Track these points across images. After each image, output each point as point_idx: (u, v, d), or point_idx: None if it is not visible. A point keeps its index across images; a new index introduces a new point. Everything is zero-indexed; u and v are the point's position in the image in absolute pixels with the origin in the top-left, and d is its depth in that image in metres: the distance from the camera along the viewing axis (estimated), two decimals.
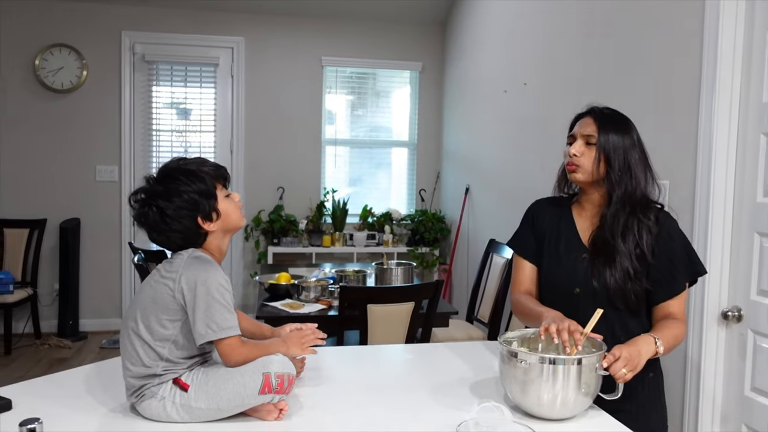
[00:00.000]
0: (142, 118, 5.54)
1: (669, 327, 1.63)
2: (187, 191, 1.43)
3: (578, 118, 1.78)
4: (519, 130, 4.16)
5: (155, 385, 1.40)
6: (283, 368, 1.42)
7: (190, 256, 1.44)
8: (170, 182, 1.43)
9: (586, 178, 1.71)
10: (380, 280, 3.50)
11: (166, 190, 1.42)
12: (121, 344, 1.45)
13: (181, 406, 1.39)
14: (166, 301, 1.40)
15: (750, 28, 2.13)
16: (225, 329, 1.39)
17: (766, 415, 2.04)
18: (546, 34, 3.74)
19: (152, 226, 1.44)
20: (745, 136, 2.15)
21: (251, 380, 1.39)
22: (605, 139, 1.68)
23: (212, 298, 1.38)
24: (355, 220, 5.89)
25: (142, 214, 1.44)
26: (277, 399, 1.42)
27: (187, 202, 1.43)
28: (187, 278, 1.39)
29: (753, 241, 2.11)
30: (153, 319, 1.41)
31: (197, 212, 1.44)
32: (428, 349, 2.14)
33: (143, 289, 1.46)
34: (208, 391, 1.39)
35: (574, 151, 1.71)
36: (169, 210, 1.42)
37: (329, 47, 5.78)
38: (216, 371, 1.42)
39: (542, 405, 1.43)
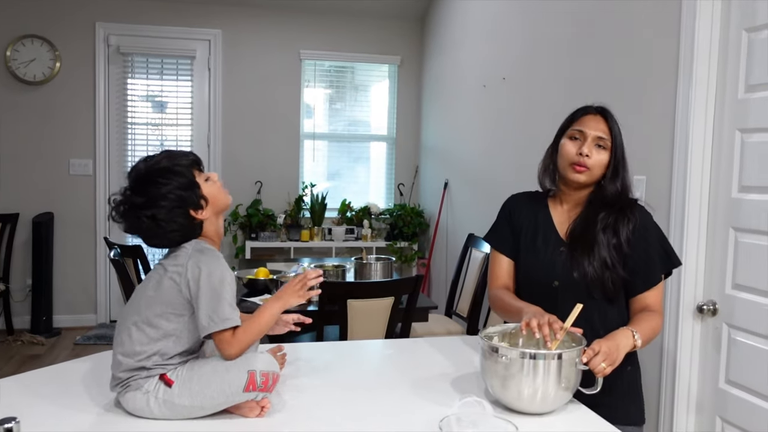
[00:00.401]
0: (117, 111, 5.45)
1: (646, 320, 1.65)
2: (171, 190, 1.41)
3: (582, 113, 1.74)
4: (498, 125, 4.17)
5: (142, 378, 1.39)
6: (268, 366, 1.42)
7: (194, 249, 1.43)
8: (150, 187, 1.42)
9: (589, 180, 1.72)
10: (360, 275, 3.49)
11: (150, 198, 1.41)
12: (117, 336, 1.44)
13: (164, 402, 1.38)
14: (171, 296, 1.40)
15: (726, 27, 2.16)
16: (224, 320, 1.38)
17: (740, 407, 2.08)
18: (525, 29, 3.75)
19: (148, 233, 1.43)
20: (720, 133, 2.19)
21: (236, 378, 1.38)
22: (617, 144, 1.69)
23: (214, 290, 1.38)
24: (333, 214, 5.87)
25: (133, 226, 1.43)
26: (260, 397, 1.42)
27: (175, 201, 1.41)
28: (192, 271, 1.39)
29: (728, 236, 2.14)
30: (157, 313, 1.40)
31: (187, 206, 1.43)
32: (408, 344, 2.15)
33: (147, 283, 1.45)
34: (192, 388, 1.38)
35: (587, 152, 1.68)
36: (160, 214, 1.40)
37: (308, 41, 5.74)
38: (201, 368, 1.41)
39: (523, 399, 1.44)
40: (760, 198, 2.01)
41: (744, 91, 2.09)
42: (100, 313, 5.49)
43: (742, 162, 2.09)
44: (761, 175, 2.01)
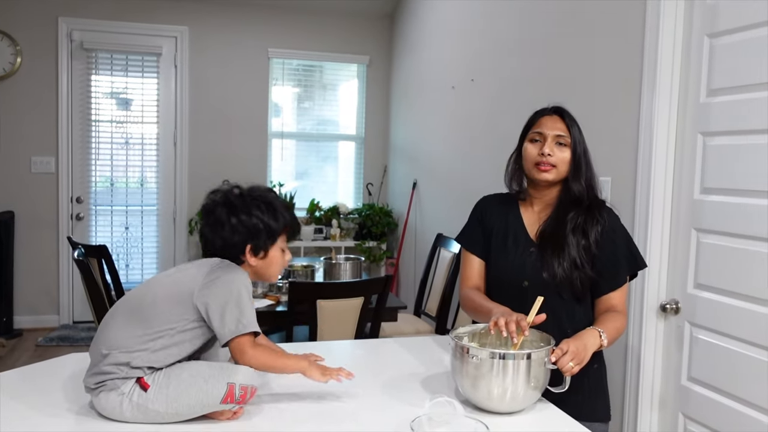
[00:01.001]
0: (80, 107, 5.35)
1: (611, 320, 1.69)
2: (258, 217, 1.47)
3: (539, 115, 1.78)
4: (467, 125, 4.21)
5: (120, 378, 1.37)
6: (248, 380, 1.41)
7: (221, 262, 1.47)
8: (252, 201, 1.48)
9: (556, 178, 1.75)
10: (329, 275, 3.49)
11: (242, 207, 1.47)
12: (108, 327, 1.42)
13: (137, 406, 1.36)
14: (183, 296, 1.41)
15: (688, 32, 2.21)
16: (248, 324, 1.41)
17: (702, 404, 2.14)
18: (493, 31, 3.79)
19: (214, 220, 1.48)
20: (683, 136, 2.24)
21: (215, 388, 1.37)
22: (576, 141, 1.73)
23: (239, 296, 1.41)
24: (302, 214, 5.85)
25: (215, 204, 1.49)
26: (237, 407, 1.41)
27: (251, 227, 1.47)
28: (212, 278, 1.42)
29: (690, 237, 2.20)
30: (165, 309, 1.40)
31: (251, 240, 1.47)
32: (378, 344, 2.15)
33: (160, 280, 1.48)
34: (169, 395, 1.36)
35: (549, 151, 1.72)
36: (232, 222, 1.46)
37: (276, 39, 5.71)
38: (179, 375, 1.39)
39: (493, 399, 1.46)
40: (721, 199, 2.07)
41: (706, 96, 2.14)
42: (62, 314, 5.38)
43: (704, 164, 2.15)
44: (722, 178, 2.07)
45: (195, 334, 1.42)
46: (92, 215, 5.46)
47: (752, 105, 1.96)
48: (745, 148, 1.98)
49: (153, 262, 5.63)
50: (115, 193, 5.52)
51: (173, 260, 5.60)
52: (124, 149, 5.49)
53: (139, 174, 5.55)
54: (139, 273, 5.58)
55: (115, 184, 5.51)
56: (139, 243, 5.60)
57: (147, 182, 5.57)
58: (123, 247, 5.56)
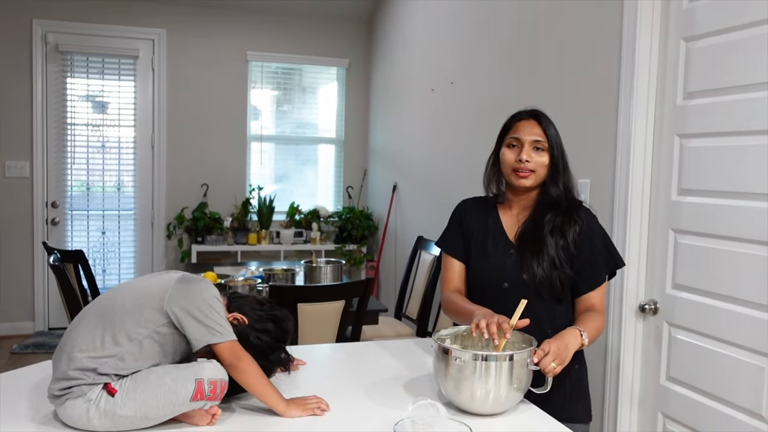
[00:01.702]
0: (55, 111, 5.27)
1: (591, 319, 1.70)
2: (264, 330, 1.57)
3: (515, 120, 1.79)
4: (446, 128, 4.22)
5: (87, 384, 1.35)
6: (216, 374, 1.40)
7: (193, 274, 1.51)
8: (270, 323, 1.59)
9: (535, 183, 1.75)
10: (309, 278, 3.47)
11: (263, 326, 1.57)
12: (75, 331, 1.40)
13: (105, 413, 1.33)
14: (152, 302, 1.41)
15: (665, 36, 2.24)
16: (229, 331, 1.44)
17: (680, 403, 2.16)
18: (472, 34, 3.81)
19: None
20: (660, 138, 2.27)
21: (183, 387, 1.36)
22: (554, 144, 1.73)
23: (214, 304, 1.45)
24: (281, 217, 5.82)
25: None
26: (208, 405, 1.40)
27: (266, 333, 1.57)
28: (185, 286, 1.46)
29: (668, 238, 2.22)
30: (133, 314, 1.39)
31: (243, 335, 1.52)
32: (360, 347, 2.14)
33: (130, 285, 1.50)
34: (137, 398, 1.34)
35: (526, 158, 1.72)
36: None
37: (254, 42, 5.68)
38: (146, 377, 1.37)
39: (475, 401, 1.46)
40: (698, 201, 2.09)
41: (682, 98, 2.17)
42: (38, 320, 5.29)
43: (681, 166, 2.17)
44: (699, 179, 2.09)
45: (163, 340, 1.41)
46: (68, 220, 5.38)
47: (728, 107, 1.99)
48: (721, 150, 2.01)
49: (130, 266, 5.56)
50: (91, 197, 5.44)
51: (151, 265, 5.54)
52: (100, 153, 5.42)
53: (116, 178, 5.48)
54: (116, 278, 5.51)
55: (92, 188, 5.44)
56: (116, 248, 5.53)
57: (124, 186, 5.50)
58: (100, 252, 5.48)
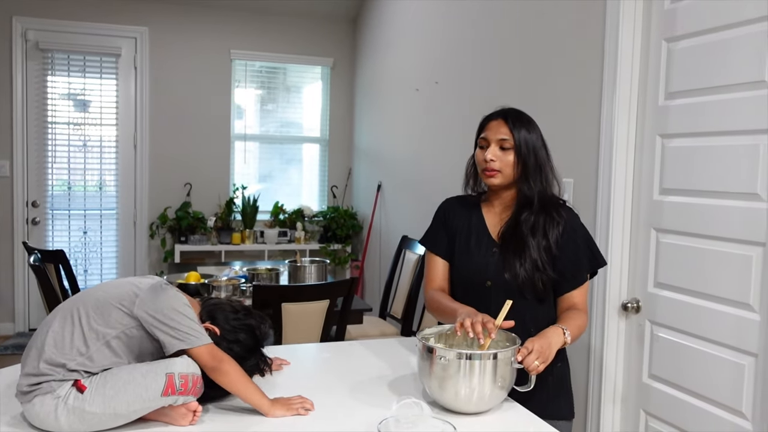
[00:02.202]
0: (36, 109, 5.20)
1: (573, 318, 1.71)
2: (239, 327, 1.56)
3: (487, 120, 1.81)
4: (431, 128, 4.22)
5: (57, 380, 1.33)
6: (187, 368, 1.39)
7: (161, 284, 1.50)
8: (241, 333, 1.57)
9: (504, 182, 1.76)
10: (294, 278, 3.46)
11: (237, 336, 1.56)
12: (47, 327, 1.40)
13: (73, 410, 1.31)
14: (124, 303, 1.41)
15: (647, 37, 2.26)
16: (205, 335, 1.44)
17: (662, 400, 2.18)
18: (456, 34, 3.81)
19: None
20: (642, 138, 2.28)
21: (154, 381, 1.35)
22: (521, 142, 1.74)
23: (187, 310, 1.45)
24: (266, 217, 5.79)
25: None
26: (181, 400, 1.38)
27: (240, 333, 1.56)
28: (158, 291, 1.46)
29: (650, 237, 2.24)
30: (104, 315, 1.39)
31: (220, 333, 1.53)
32: (344, 347, 2.14)
33: (104, 286, 1.50)
34: (106, 394, 1.33)
35: (491, 157, 1.74)
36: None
37: (238, 40, 5.65)
38: (116, 373, 1.36)
39: (460, 399, 1.47)
40: (680, 200, 2.11)
41: (664, 98, 2.19)
42: (18, 321, 5.22)
43: (662, 165, 2.19)
44: (681, 178, 2.11)
45: (132, 342, 1.41)
46: (49, 219, 5.32)
47: (708, 107, 2.01)
48: (702, 150, 2.03)
49: (113, 266, 5.51)
50: (72, 196, 5.38)
51: (134, 264, 5.49)
52: (82, 152, 5.36)
53: (97, 177, 5.43)
54: (98, 278, 5.46)
55: (73, 188, 5.38)
56: (98, 247, 5.47)
57: (106, 185, 5.45)
58: (81, 252, 5.43)
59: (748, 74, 1.87)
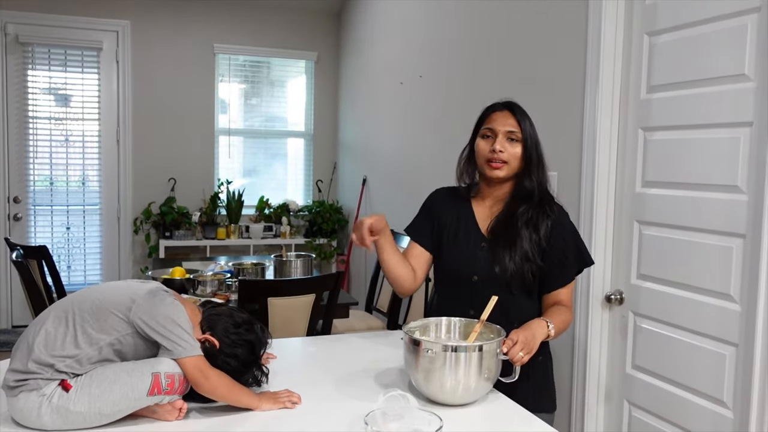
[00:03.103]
0: (16, 104, 5.14)
1: (558, 313, 1.72)
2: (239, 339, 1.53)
3: (490, 111, 1.79)
4: (415, 121, 4.23)
5: (43, 379, 1.32)
6: (174, 368, 1.39)
7: (165, 288, 1.48)
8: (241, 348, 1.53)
9: (508, 174, 1.76)
10: (279, 272, 3.46)
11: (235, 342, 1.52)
12: (39, 324, 1.38)
13: (57, 409, 1.30)
14: (120, 309, 1.39)
15: (629, 31, 2.28)
16: (197, 347, 1.42)
17: (645, 391, 2.21)
18: (440, 28, 3.82)
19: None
20: (625, 131, 2.31)
21: (140, 381, 1.34)
22: (528, 135, 1.74)
23: (182, 318, 1.43)
24: (251, 211, 5.78)
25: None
26: (166, 399, 1.38)
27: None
28: (154, 298, 1.43)
29: (633, 229, 2.27)
30: (99, 319, 1.37)
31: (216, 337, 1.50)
32: (330, 341, 2.15)
33: (101, 288, 1.47)
34: (91, 393, 1.32)
35: (500, 148, 1.73)
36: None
37: (221, 34, 5.61)
38: (101, 373, 1.35)
39: (445, 391, 1.48)
40: (662, 192, 2.14)
41: (646, 92, 2.21)
42: (0, 318, 5.17)
43: (645, 158, 2.21)
44: (662, 171, 2.14)
45: (124, 349, 1.40)
46: (31, 215, 5.27)
47: (689, 101, 2.03)
48: (683, 143, 2.05)
49: (96, 262, 5.47)
50: (54, 192, 5.33)
51: (118, 260, 5.45)
52: (63, 147, 5.31)
53: (80, 172, 5.37)
54: (82, 274, 5.42)
55: (55, 183, 5.33)
56: (81, 243, 5.43)
57: (89, 181, 5.40)
58: (64, 248, 5.38)
59: (728, 68, 1.89)
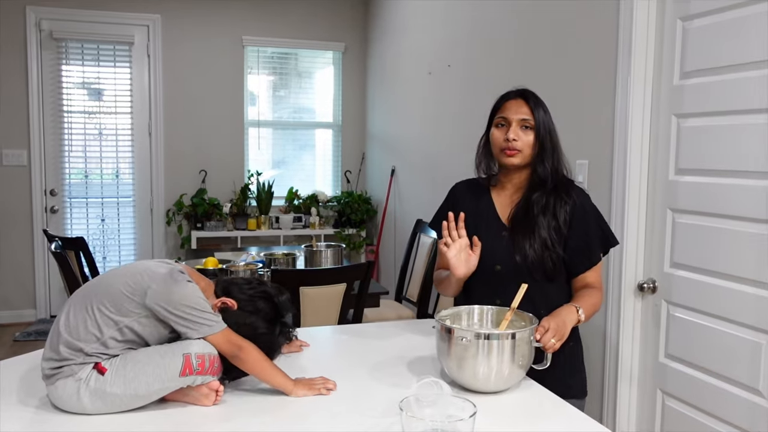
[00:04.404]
0: (51, 98, 5.25)
1: (588, 295, 1.72)
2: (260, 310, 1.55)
3: (504, 99, 1.80)
4: (444, 111, 4.22)
5: (77, 364, 1.37)
6: (204, 348, 1.42)
7: (179, 269, 1.49)
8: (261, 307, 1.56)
9: (523, 162, 1.77)
10: (310, 262, 3.49)
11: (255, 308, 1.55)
12: (64, 312, 1.42)
13: (95, 392, 1.35)
14: (136, 292, 1.41)
15: (661, 16, 2.25)
16: (217, 323, 1.44)
17: (679, 379, 2.20)
18: (469, 16, 3.80)
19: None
20: (657, 118, 2.28)
21: (171, 362, 1.38)
22: (541, 123, 1.74)
23: (201, 297, 1.46)
24: (280, 202, 5.83)
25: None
26: (199, 380, 1.41)
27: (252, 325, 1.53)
28: (172, 280, 1.45)
29: (666, 217, 2.25)
30: (115, 302, 1.40)
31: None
32: (362, 329, 2.17)
33: (117, 272, 1.48)
34: (126, 375, 1.36)
35: (514, 136, 1.74)
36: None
37: (250, 27, 5.66)
38: (135, 355, 1.39)
39: (478, 379, 1.49)
40: (695, 180, 2.11)
41: (679, 78, 2.18)
42: (39, 308, 5.31)
43: (678, 145, 2.19)
44: (696, 158, 2.11)
45: (144, 330, 1.42)
46: (67, 208, 5.39)
47: (723, 86, 2.00)
48: (717, 129, 2.03)
49: (131, 253, 5.58)
50: (89, 184, 5.45)
51: (151, 251, 5.56)
52: (97, 140, 5.41)
53: (113, 165, 5.48)
54: (117, 264, 5.53)
55: (90, 176, 5.44)
56: (115, 235, 5.54)
57: (122, 173, 5.50)
58: (99, 239, 5.50)
59: (763, 52, 1.86)
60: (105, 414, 1.37)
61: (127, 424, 1.34)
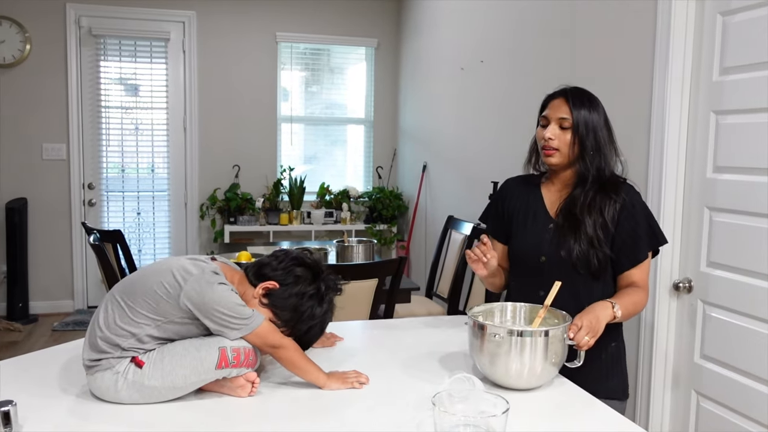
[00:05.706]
0: (90, 94, 5.37)
1: (629, 294, 1.71)
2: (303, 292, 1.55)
3: (549, 99, 1.81)
4: (476, 107, 4.20)
5: (114, 358, 1.40)
6: (239, 342, 1.44)
7: (214, 268, 1.49)
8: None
9: (562, 161, 1.77)
10: (342, 257, 3.52)
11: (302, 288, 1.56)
12: (102, 307, 1.45)
13: (133, 384, 1.38)
14: (170, 292, 1.43)
15: (701, 11, 2.21)
16: (253, 319, 1.46)
17: (715, 381, 2.16)
18: (502, 11, 3.77)
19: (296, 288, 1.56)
20: (696, 115, 2.24)
21: (208, 355, 1.40)
22: (579, 123, 1.73)
23: (234, 295, 1.48)
24: (312, 197, 5.87)
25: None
26: (234, 373, 1.43)
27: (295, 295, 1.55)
28: (205, 280, 1.45)
29: (703, 215, 2.21)
30: (149, 301, 1.42)
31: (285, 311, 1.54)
32: (394, 324, 2.18)
33: (152, 269, 1.49)
34: (164, 368, 1.39)
35: (550, 135, 1.74)
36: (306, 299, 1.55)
37: (283, 23, 5.70)
38: (172, 348, 1.42)
39: (511, 375, 1.49)
40: (734, 178, 2.08)
41: (718, 74, 2.14)
42: (77, 299, 5.44)
43: (716, 143, 2.15)
44: (735, 156, 2.07)
45: (180, 330, 1.45)
46: (104, 201, 5.51)
47: (764, 83, 1.96)
48: (757, 127, 1.99)
49: (165, 246, 5.68)
50: (126, 178, 5.56)
51: (185, 244, 5.65)
52: (134, 135, 5.52)
53: (149, 160, 5.58)
54: (152, 257, 5.64)
55: (126, 170, 5.55)
56: (151, 228, 5.64)
57: (157, 168, 5.60)
58: (135, 232, 5.60)
59: None
60: (139, 404, 1.40)
61: (165, 413, 1.37)
